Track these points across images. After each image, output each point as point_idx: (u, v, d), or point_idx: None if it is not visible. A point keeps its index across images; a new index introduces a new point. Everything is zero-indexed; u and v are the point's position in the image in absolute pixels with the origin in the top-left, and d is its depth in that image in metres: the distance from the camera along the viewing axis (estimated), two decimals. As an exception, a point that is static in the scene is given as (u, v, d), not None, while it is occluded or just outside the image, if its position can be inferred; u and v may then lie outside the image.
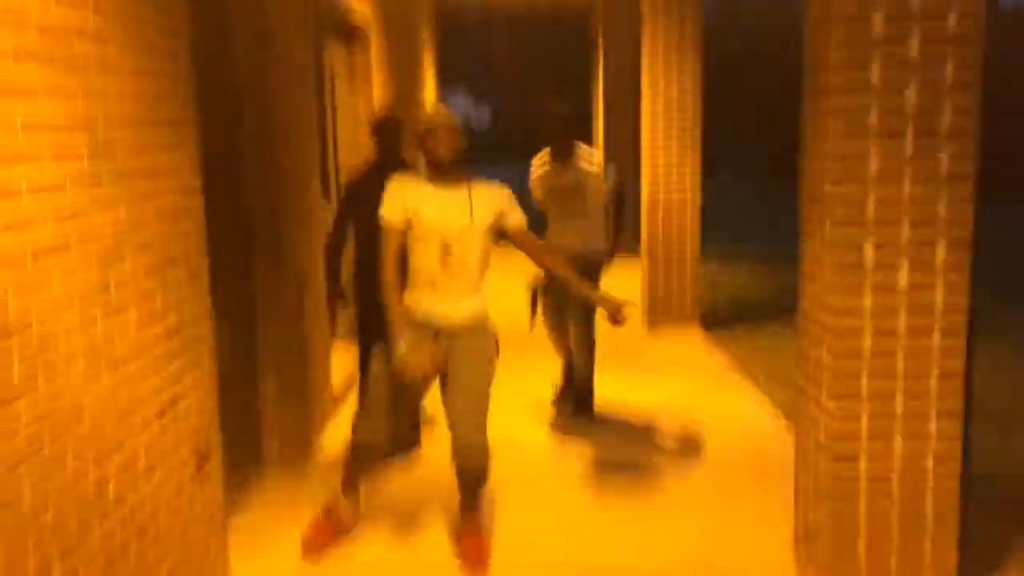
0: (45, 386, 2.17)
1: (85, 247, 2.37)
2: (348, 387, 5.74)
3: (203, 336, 3.19)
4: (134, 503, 2.61)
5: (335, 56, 6.47)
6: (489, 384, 3.52)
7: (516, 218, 3.56)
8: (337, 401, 5.44)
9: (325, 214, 5.68)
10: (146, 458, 2.70)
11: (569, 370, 5.45)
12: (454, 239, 3.42)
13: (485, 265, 3.56)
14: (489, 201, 3.51)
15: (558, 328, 5.31)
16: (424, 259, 3.45)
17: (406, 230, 3.45)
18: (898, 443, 3.05)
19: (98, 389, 2.42)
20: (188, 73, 3.09)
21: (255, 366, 4.37)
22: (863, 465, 3.06)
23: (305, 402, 4.59)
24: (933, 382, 3.02)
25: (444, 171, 3.47)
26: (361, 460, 3.66)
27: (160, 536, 2.78)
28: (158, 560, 2.76)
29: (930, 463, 3.05)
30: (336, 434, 4.98)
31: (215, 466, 3.27)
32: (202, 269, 3.19)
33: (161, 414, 2.82)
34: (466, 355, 3.48)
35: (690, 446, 4.78)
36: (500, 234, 3.59)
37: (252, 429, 4.34)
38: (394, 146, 4.59)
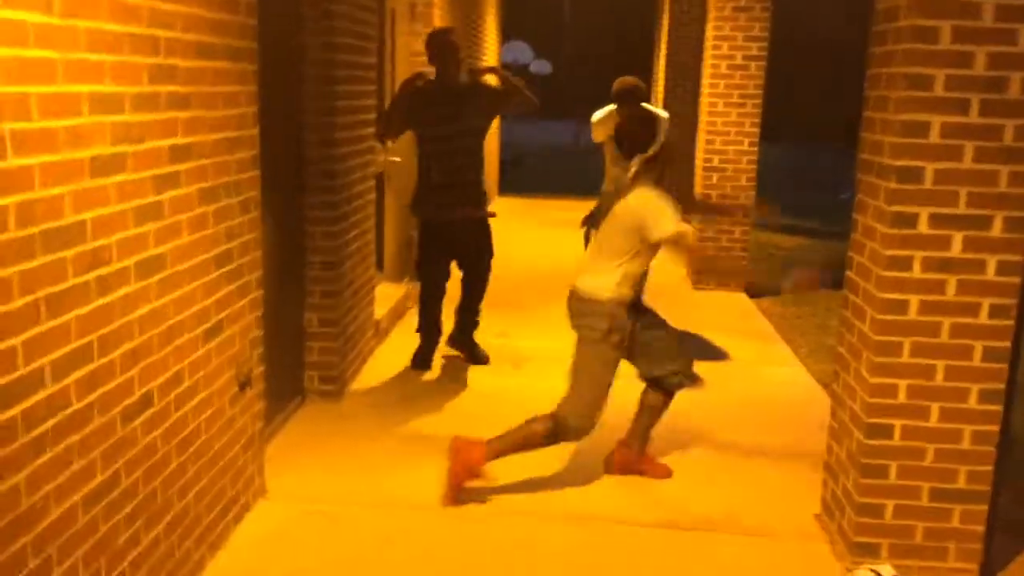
0: (97, 298, 2.24)
1: (141, 166, 2.43)
2: (392, 321, 5.82)
3: (252, 265, 3.25)
4: (177, 419, 2.70)
5: (398, -3, 6.44)
6: None
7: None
8: (381, 336, 5.52)
9: (378, 155, 5.72)
10: (190, 377, 2.78)
11: None
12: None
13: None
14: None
15: None
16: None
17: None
18: (935, 419, 3.02)
19: (148, 307, 2.50)
20: (253, 4, 3.11)
21: (301, 300, 4.45)
22: (897, 438, 3.04)
23: (346, 337, 4.67)
24: (976, 360, 2.98)
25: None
26: (552, 443, 3.67)
27: (200, 451, 2.88)
28: (197, 473, 2.87)
29: (966, 440, 3.02)
30: (378, 367, 5.07)
31: (257, 391, 3.36)
32: (255, 199, 3.24)
33: (208, 337, 2.90)
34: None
35: (728, 408, 4.77)
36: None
37: (294, 360, 4.43)
38: (451, 61, 4.83)
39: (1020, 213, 2.91)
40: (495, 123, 10.88)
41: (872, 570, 3.01)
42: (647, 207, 3.57)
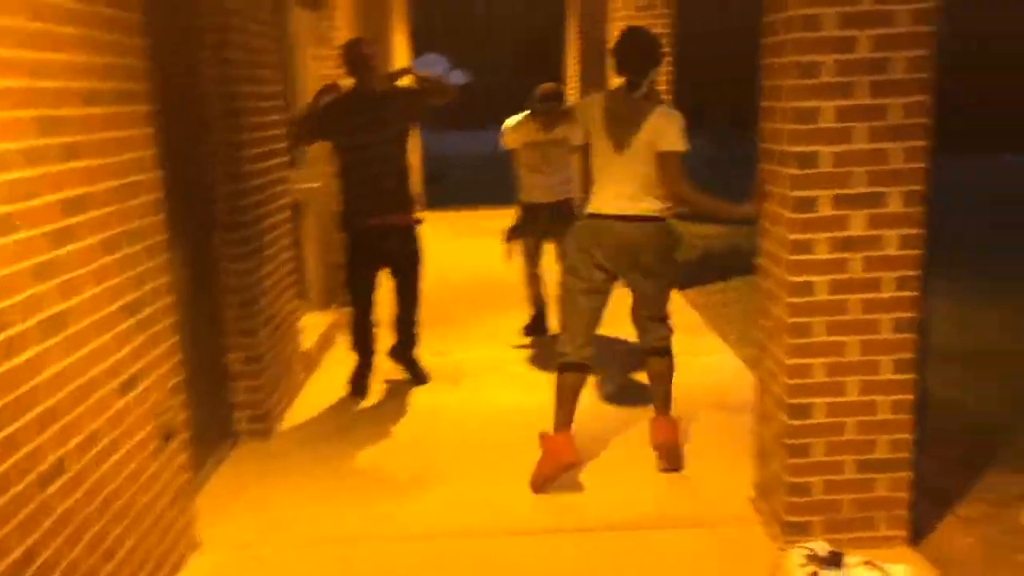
0: (1, 363, 2.17)
1: (34, 226, 2.36)
2: (322, 351, 5.76)
3: (164, 312, 3.19)
4: (96, 480, 2.63)
5: (300, 20, 6.39)
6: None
7: None
8: (311, 367, 5.46)
9: (293, 184, 5.66)
10: (108, 435, 2.71)
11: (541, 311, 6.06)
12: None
13: None
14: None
15: (533, 267, 5.98)
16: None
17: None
18: (852, 393, 3.10)
19: (56, 367, 2.43)
20: (141, 46, 3.05)
21: (222, 340, 4.38)
22: (818, 416, 3.12)
23: (271, 374, 4.61)
24: (885, 333, 3.07)
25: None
26: (572, 384, 3.88)
27: (123, 511, 2.80)
28: (122, 534, 2.79)
29: (884, 410, 3.11)
30: (310, 399, 5.01)
31: (180, 441, 3.29)
32: (161, 244, 3.18)
33: (124, 390, 2.83)
34: None
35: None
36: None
37: (220, 403, 4.35)
38: (364, 71, 4.86)
39: (914, 187, 3.01)
40: (415, 138, 10.85)
41: (806, 547, 3.07)
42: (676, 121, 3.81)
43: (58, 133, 2.49)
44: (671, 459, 3.98)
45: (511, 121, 5.82)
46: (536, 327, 6.10)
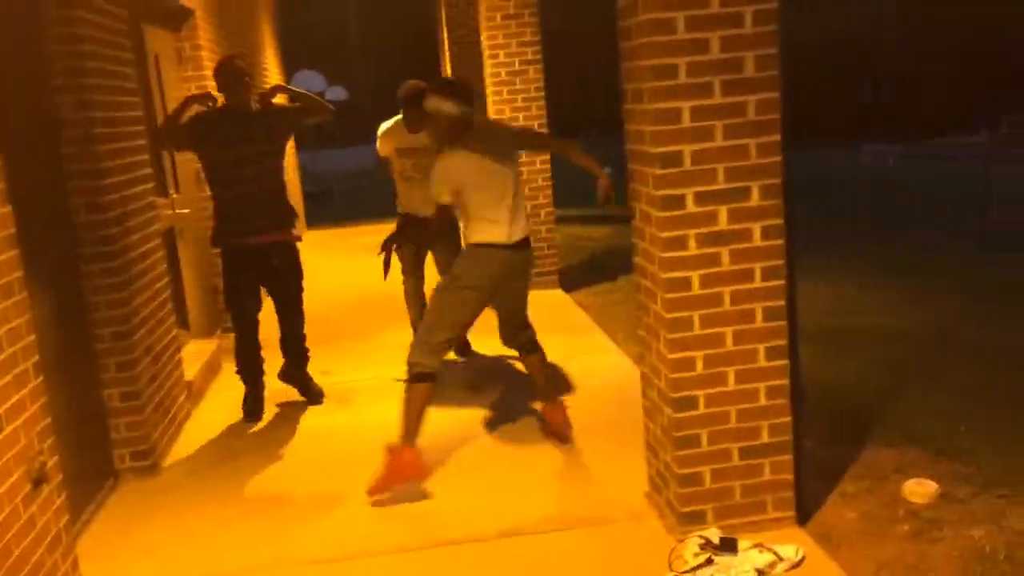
0: None
1: None
2: (207, 379, 5.58)
3: (27, 352, 3.02)
4: (-40, 534, 2.47)
5: (159, 40, 6.19)
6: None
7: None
8: (195, 396, 5.29)
9: (164, 210, 5.48)
10: (-30, 485, 2.56)
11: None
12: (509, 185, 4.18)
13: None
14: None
15: (416, 281, 5.70)
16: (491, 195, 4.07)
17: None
18: (732, 383, 3.20)
19: (-97, 420, 2.27)
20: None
21: (96, 376, 4.19)
22: (702, 407, 3.20)
23: (153, 407, 4.44)
24: (759, 321, 3.18)
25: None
26: (427, 395, 3.93)
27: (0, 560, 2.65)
28: (-4, 588, 2.64)
29: (762, 397, 3.22)
30: (195, 430, 4.85)
31: (54, 485, 3.12)
32: (18, 281, 3.02)
33: (-15, 437, 2.67)
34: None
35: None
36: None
37: (99, 441, 4.16)
38: (238, 87, 4.79)
39: (772, 181, 3.13)
40: (291, 155, 10.68)
41: (700, 536, 3.15)
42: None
43: None
44: (567, 435, 4.35)
45: (384, 126, 5.65)
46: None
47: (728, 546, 3.10)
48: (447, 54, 12.35)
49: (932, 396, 4.67)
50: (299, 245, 5.07)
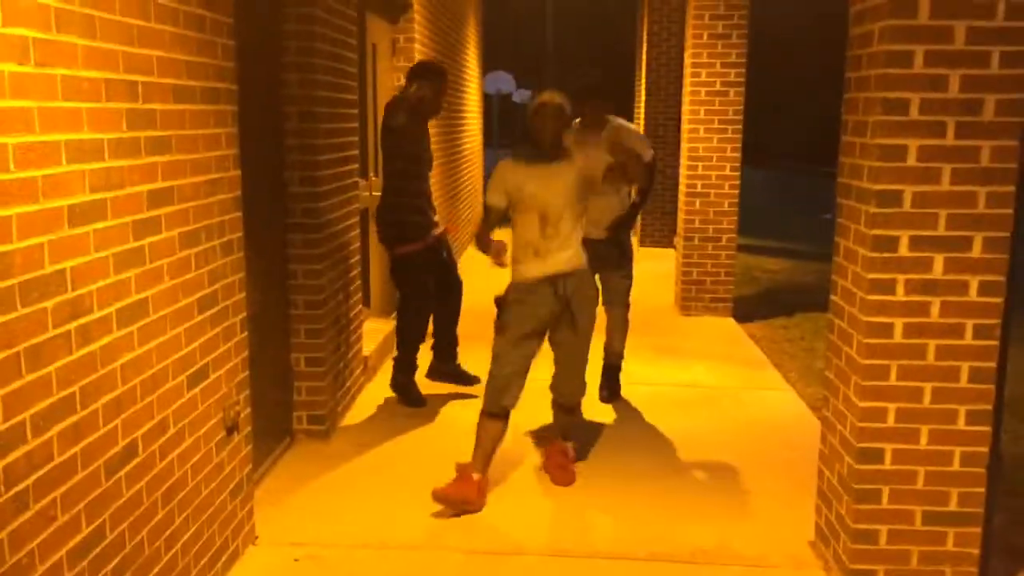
0: (79, 348, 2.22)
1: (121, 213, 2.42)
2: (381, 357, 5.79)
3: (237, 307, 3.23)
4: (163, 468, 2.67)
5: (378, 30, 6.48)
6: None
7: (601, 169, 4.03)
8: (370, 373, 5.49)
9: (363, 191, 5.72)
10: (176, 424, 2.75)
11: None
12: (553, 213, 3.89)
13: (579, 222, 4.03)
14: (579, 170, 3.96)
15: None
16: (526, 230, 3.91)
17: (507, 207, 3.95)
18: (924, 441, 3.01)
19: (131, 354, 2.47)
20: (230, 45, 3.12)
21: (287, 339, 4.43)
22: (888, 462, 3.03)
23: (333, 376, 4.64)
24: (963, 381, 2.98)
25: (544, 152, 3.91)
26: (492, 432, 3.89)
27: (188, 499, 2.84)
28: (185, 522, 2.83)
29: (957, 461, 3.02)
30: (367, 405, 5.04)
31: (244, 435, 3.32)
32: (238, 240, 3.23)
33: (193, 382, 2.87)
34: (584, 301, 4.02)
35: (717, 436, 4.76)
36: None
37: (281, 401, 4.40)
38: (435, 91, 4.98)
39: (998, 233, 2.93)
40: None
41: (869, 596, 2.99)
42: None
43: (148, 127, 2.55)
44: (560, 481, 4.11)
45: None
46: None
47: (898, 612, 2.93)
48: (644, 68, 12.31)
49: None
50: None
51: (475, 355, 5.04)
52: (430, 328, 5.32)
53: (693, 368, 5.98)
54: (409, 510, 3.78)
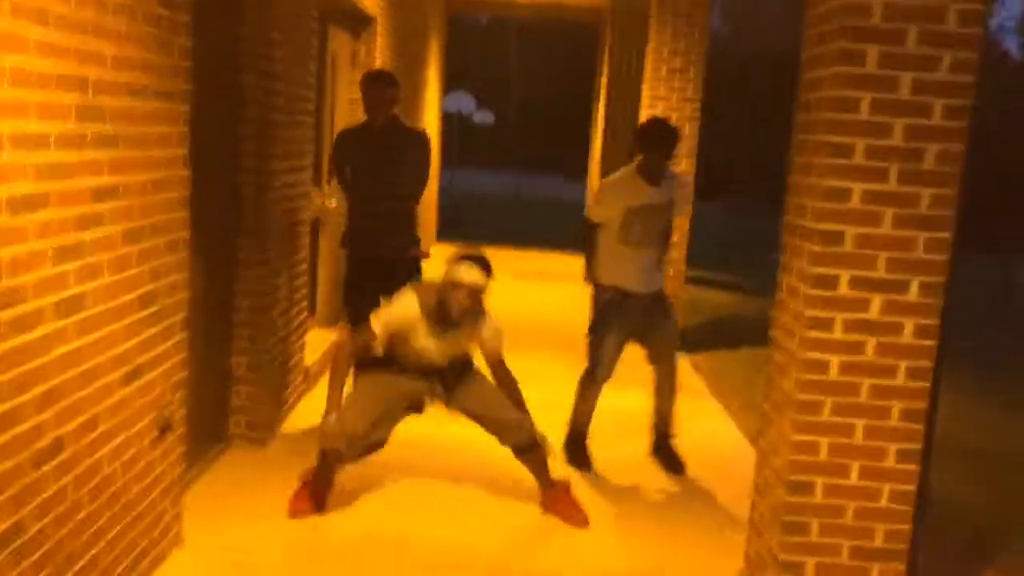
0: (10, 338, 2.17)
1: (64, 206, 2.38)
2: (322, 368, 5.73)
3: (178, 306, 3.19)
4: (90, 465, 2.61)
5: (339, 42, 6.47)
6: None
7: (493, 348, 3.95)
8: (311, 381, 5.44)
9: (314, 199, 5.69)
10: (108, 421, 2.70)
11: (588, 418, 4.79)
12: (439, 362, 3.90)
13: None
14: (473, 337, 3.90)
15: (610, 367, 4.64)
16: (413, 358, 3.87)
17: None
18: (854, 477, 3.07)
19: (66, 348, 2.43)
20: (186, 46, 3.09)
21: (228, 343, 4.37)
22: (818, 496, 3.08)
23: (274, 382, 4.59)
24: (895, 420, 3.05)
25: (449, 321, 3.77)
26: (332, 464, 3.79)
27: (115, 498, 2.78)
28: (111, 520, 2.77)
29: (885, 498, 3.08)
30: (306, 413, 4.98)
31: (177, 435, 3.27)
32: (183, 239, 3.19)
33: (128, 379, 2.82)
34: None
35: (653, 464, 4.79)
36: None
37: (218, 404, 4.33)
38: (385, 104, 4.84)
39: (935, 279, 3.01)
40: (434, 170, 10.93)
41: (792, 627, 3.03)
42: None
43: (98, 120, 2.52)
44: (580, 522, 3.95)
45: (611, 179, 4.73)
46: (578, 450, 4.76)
47: (820, 644, 2.97)
48: (603, 98, 12.45)
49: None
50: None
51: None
52: None
53: (631, 394, 6.01)
54: (343, 519, 3.74)
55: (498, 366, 3.97)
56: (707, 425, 5.54)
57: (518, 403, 3.97)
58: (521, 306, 9.04)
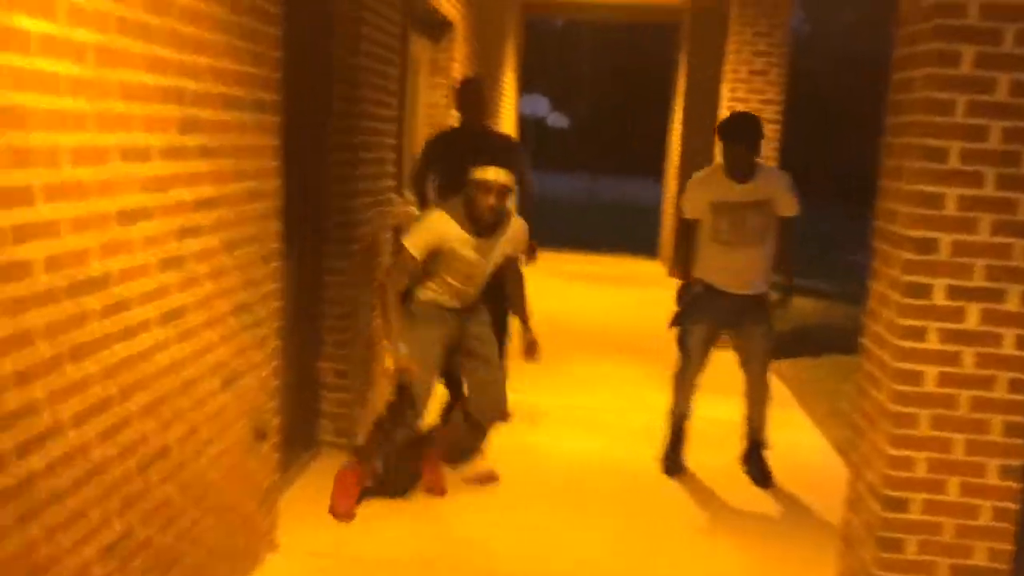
0: (118, 347, 2.26)
1: (167, 217, 2.46)
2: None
3: (272, 316, 3.27)
4: (194, 470, 2.70)
5: (419, 47, 6.55)
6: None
7: (519, 243, 4.16)
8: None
9: (396, 206, 5.76)
10: (207, 429, 2.79)
11: (683, 419, 4.78)
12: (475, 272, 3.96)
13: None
14: (508, 238, 4.03)
15: (699, 362, 4.62)
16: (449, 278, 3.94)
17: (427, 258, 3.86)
18: (953, 493, 2.99)
19: (167, 357, 2.51)
20: (278, 57, 3.17)
21: (317, 349, 4.46)
22: (915, 512, 3.01)
23: (359, 388, 4.67)
24: (996, 435, 2.96)
25: (482, 225, 3.86)
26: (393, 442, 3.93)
27: (214, 504, 2.87)
28: (211, 526, 2.86)
29: (986, 516, 2.98)
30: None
31: (273, 443, 3.35)
32: (276, 250, 3.27)
33: (225, 387, 2.91)
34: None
35: (740, 474, 4.73)
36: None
37: (308, 411, 4.43)
38: (476, 109, 4.94)
39: (1037, 287, 2.91)
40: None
41: (887, 646, 2.96)
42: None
43: (196, 132, 2.60)
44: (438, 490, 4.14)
45: (696, 176, 4.63)
46: (676, 457, 4.74)
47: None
48: (681, 100, 12.34)
49: None
50: None
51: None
52: None
53: (717, 403, 5.94)
54: (432, 528, 3.79)
55: (513, 261, 4.17)
56: (793, 435, 5.44)
57: (520, 300, 4.23)
58: (593, 310, 9.03)
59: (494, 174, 3.78)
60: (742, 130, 4.35)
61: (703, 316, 4.55)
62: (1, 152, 1.80)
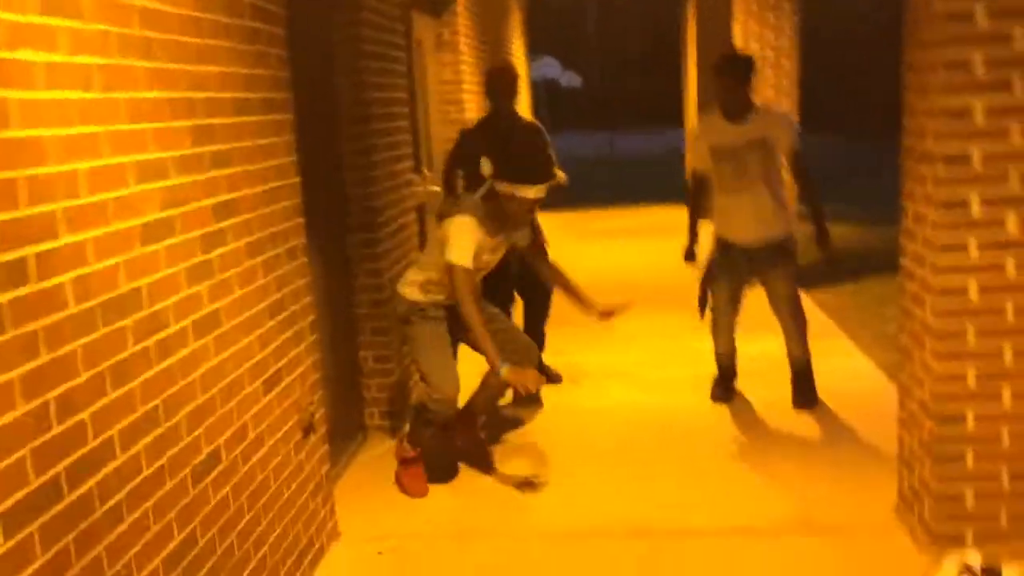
0: (158, 363, 2.29)
1: (190, 228, 2.48)
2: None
3: (305, 311, 3.29)
4: (245, 472, 2.74)
5: (422, 25, 6.51)
6: None
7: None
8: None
9: (418, 186, 5.76)
10: (255, 429, 2.82)
11: (727, 358, 4.89)
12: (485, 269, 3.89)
13: None
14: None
15: (729, 313, 4.74)
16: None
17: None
18: (1007, 401, 2.94)
19: (208, 365, 2.54)
20: (283, 56, 3.17)
21: (354, 338, 4.50)
22: (970, 425, 2.97)
23: (401, 371, 4.71)
24: (1044, 338, 2.90)
25: (506, 228, 3.81)
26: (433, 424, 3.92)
27: (271, 500, 2.92)
28: (270, 523, 2.90)
29: (1041, 420, 2.94)
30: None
31: (320, 435, 3.39)
32: (301, 245, 3.29)
33: (268, 387, 2.94)
34: None
35: (791, 408, 4.70)
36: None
37: (353, 398, 4.48)
38: (506, 97, 4.90)
39: (1074, 186, 2.84)
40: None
41: (959, 560, 2.93)
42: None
43: (211, 141, 2.61)
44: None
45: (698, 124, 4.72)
46: (725, 387, 4.89)
47: (991, 574, 2.87)
48: (692, 44, 12.14)
49: None
50: None
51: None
52: None
53: (761, 339, 5.89)
54: (486, 500, 3.82)
55: (542, 250, 4.27)
56: (841, 362, 5.39)
57: (572, 288, 4.07)
58: (627, 264, 8.98)
59: (536, 192, 3.65)
60: (731, 64, 4.41)
61: (721, 274, 4.65)
62: (21, 186, 1.81)
